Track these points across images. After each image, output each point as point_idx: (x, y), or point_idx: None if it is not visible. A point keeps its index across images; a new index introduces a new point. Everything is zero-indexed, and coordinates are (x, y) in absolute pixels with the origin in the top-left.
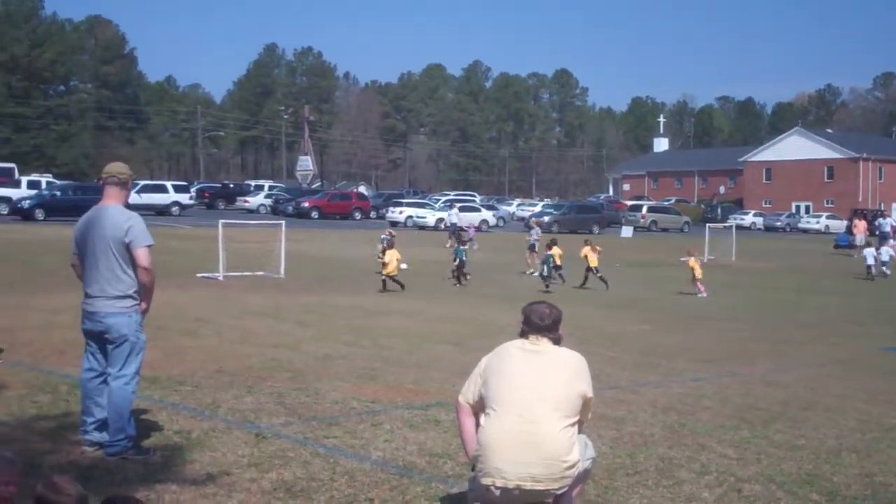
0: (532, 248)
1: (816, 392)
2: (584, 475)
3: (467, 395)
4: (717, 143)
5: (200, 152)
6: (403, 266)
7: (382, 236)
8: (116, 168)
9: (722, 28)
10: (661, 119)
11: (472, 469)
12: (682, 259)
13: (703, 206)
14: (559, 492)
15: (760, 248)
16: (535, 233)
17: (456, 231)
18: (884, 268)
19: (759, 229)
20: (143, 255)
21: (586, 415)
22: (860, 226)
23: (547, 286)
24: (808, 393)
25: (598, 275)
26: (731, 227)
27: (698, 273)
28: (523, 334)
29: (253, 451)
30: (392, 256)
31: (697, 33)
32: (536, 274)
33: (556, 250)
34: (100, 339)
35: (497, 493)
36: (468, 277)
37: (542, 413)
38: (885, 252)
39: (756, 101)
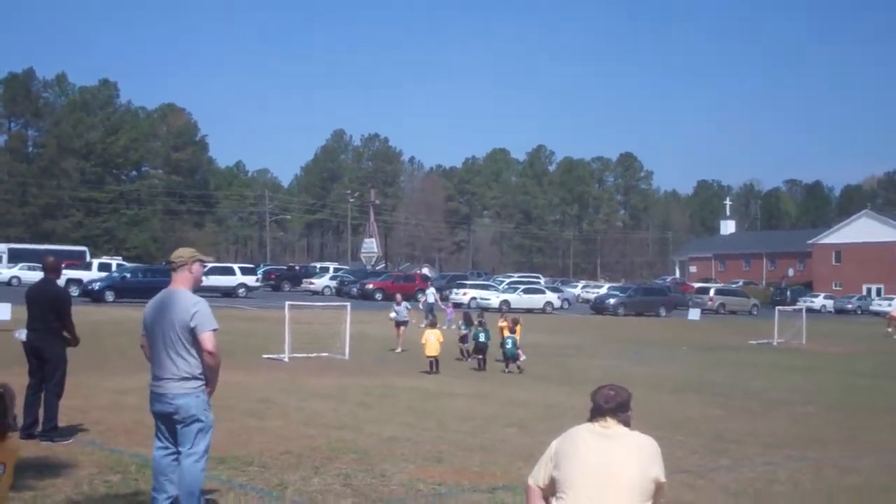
0: (403, 323)
1: (893, 478)
2: None
3: (537, 478)
4: (785, 225)
5: (267, 235)
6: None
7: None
8: (187, 253)
9: (788, 111)
10: (728, 202)
11: None
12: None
13: (771, 288)
14: None
15: (832, 331)
16: (402, 309)
17: (431, 311)
18: None
19: (829, 312)
20: (208, 339)
21: (658, 500)
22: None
23: (517, 367)
24: (885, 478)
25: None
26: (801, 309)
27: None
28: (592, 418)
29: None
30: (434, 337)
31: (764, 116)
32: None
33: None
34: (169, 420)
35: None
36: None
37: (615, 498)
38: None
39: (824, 183)
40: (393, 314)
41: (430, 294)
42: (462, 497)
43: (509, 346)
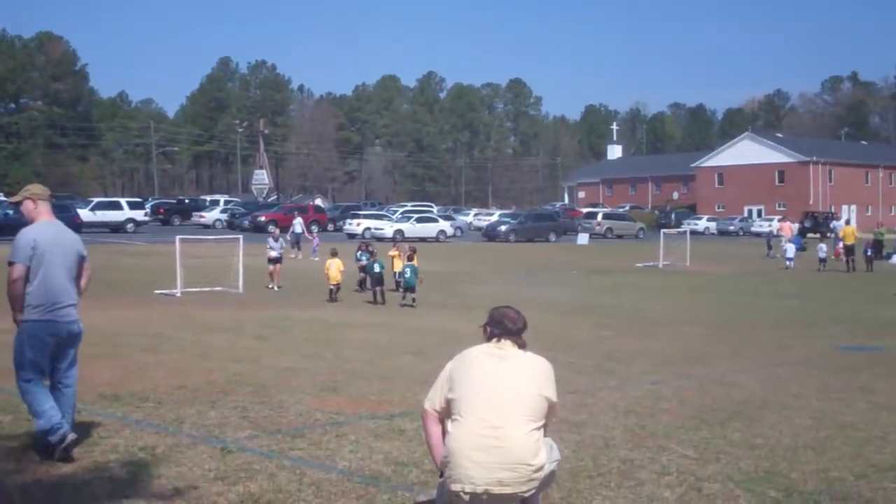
0: (278, 260)
1: (773, 392)
2: (550, 478)
3: (434, 401)
4: (670, 149)
5: (154, 168)
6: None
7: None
8: (43, 187)
9: (673, 35)
10: (615, 126)
11: (441, 475)
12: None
13: (657, 211)
14: (526, 494)
15: (715, 252)
16: (278, 245)
17: (297, 242)
18: (822, 264)
19: (712, 234)
20: (89, 266)
21: (551, 419)
22: (785, 227)
23: (412, 299)
24: (765, 392)
25: (396, 279)
26: (685, 232)
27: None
28: (492, 337)
29: (219, 464)
30: (334, 266)
31: (649, 41)
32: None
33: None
34: (66, 346)
35: (466, 498)
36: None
37: (509, 417)
38: (821, 248)
39: (707, 107)
40: (274, 253)
41: (297, 224)
42: (360, 425)
43: (408, 275)
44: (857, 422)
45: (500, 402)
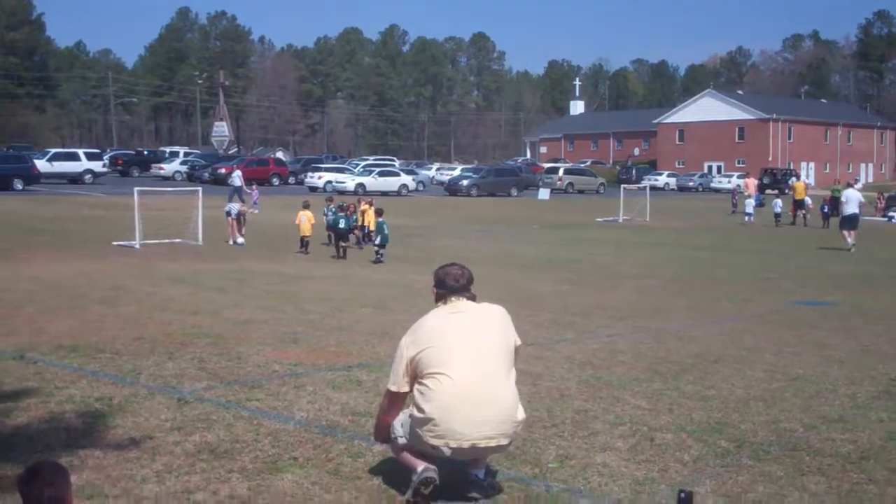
0: (238, 216)
1: (727, 345)
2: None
3: (400, 382)
4: (632, 105)
5: (113, 119)
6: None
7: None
8: None
9: None
10: (577, 82)
11: (379, 443)
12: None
13: (618, 167)
14: (508, 447)
15: (674, 208)
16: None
17: (238, 193)
18: (777, 218)
19: (672, 190)
20: None
21: (517, 361)
22: (750, 184)
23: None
24: (719, 346)
25: (366, 232)
26: (645, 187)
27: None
28: (441, 298)
29: (176, 415)
30: (305, 218)
31: None
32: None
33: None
34: None
35: (448, 452)
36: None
37: (490, 370)
38: (777, 204)
39: (669, 63)
40: (247, 208)
41: (237, 178)
42: (318, 376)
43: (386, 231)
44: (809, 375)
45: (479, 356)
